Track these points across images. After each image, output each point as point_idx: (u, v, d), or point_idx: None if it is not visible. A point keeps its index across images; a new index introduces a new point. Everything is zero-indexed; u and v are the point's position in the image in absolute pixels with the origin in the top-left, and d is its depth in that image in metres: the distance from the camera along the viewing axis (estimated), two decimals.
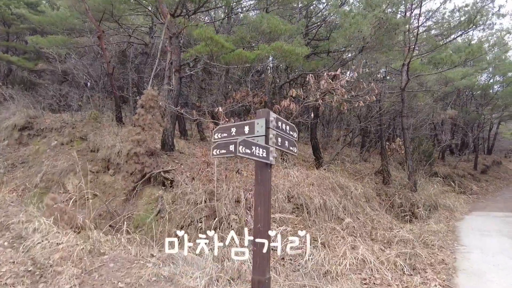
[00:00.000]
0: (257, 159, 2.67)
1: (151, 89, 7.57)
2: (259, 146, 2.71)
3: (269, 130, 2.88)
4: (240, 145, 2.44)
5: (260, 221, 2.75)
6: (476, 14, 7.81)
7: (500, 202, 14.01)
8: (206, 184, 6.41)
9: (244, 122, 2.99)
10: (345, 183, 7.88)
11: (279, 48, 6.01)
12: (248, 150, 2.55)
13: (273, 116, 2.93)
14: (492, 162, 24.02)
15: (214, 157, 3.04)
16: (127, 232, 5.65)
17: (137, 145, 7.44)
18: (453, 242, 6.25)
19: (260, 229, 2.77)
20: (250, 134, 2.90)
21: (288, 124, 3.25)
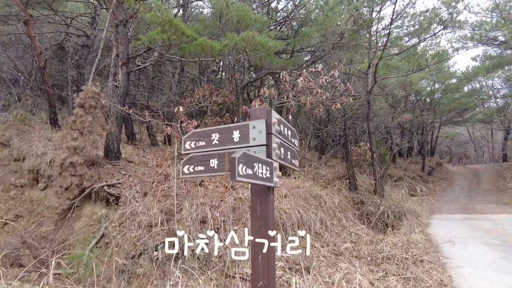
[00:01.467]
0: (260, 182, 1.72)
1: (91, 85, 6.21)
2: (262, 163, 1.76)
3: (272, 138, 1.95)
4: (240, 163, 1.47)
5: (262, 277, 1.80)
6: (442, 20, 7.63)
7: (450, 203, 14.52)
8: (162, 201, 5.26)
9: (232, 125, 2.02)
10: (318, 192, 7.18)
11: (250, 39, 5.11)
12: (250, 171, 1.59)
13: (275, 116, 2.00)
14: (436, 163, 25.45)
15: (186, 176, 2.03)
16: (56, 276, 4.32)
17: (74, 153, 6.04)
18: (437, 255, 5.81)
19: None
20: (242, 143, 1.95)
21: (289, 129, 2.34)
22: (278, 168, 1.99)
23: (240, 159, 1.46)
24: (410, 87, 12.09)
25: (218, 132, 2.05)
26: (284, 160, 2.15)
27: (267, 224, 1.87)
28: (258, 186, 1.93)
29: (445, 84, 21.19)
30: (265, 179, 1.78)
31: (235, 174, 1.40)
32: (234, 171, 1.40)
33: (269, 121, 1.95)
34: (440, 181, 21.98)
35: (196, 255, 4.56)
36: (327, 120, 14.01)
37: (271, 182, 1.87)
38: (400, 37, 9.19)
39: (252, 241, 1.90)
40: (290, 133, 2.34)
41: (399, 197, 10.15)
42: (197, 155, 2.07)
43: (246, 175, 1.51)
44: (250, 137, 1.95)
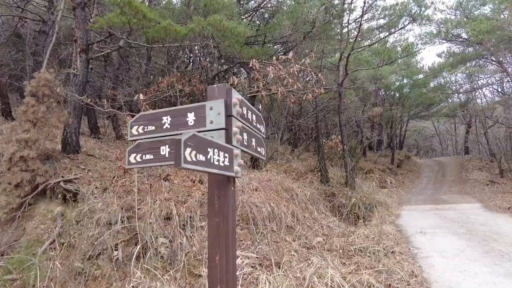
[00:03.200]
0: (216, 171, 1.46)
1: (45, 71, 5.68)
2: (219, 148, 1.51)
3: (232, 121, 1.70)
4: (188, 147, 1.21)
5: (221, 281, 1.55)
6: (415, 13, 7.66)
7: (419, 194, 15.01)
8: (123, 197, 4.89)
9: (185, 106, 1.76)
10: (290, 185, 7.04)
11: (218, 23, 4.80)
12: (203, 157, 1.33)
13: (237, 97, 1.75)
14: (404, 156, 26.27)
15: (132, 166, 1.75)
16: None
17: (25, 146, 5.52)
18: (407, 246, 5.83)
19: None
20: (197, 127, 1.69)
21: (254, 113, 2.10)
22: (240, 156, 1.75)
23: (188, 142, 1.20)
24: (381, 81, 12.20)
25: (170, 115, 1.78)
26: (247, 148, 1.91)
27: (227, 220, 1.62)
28: (216, 176, 1.68)
29: (413, 79, 21.85)
30: (223, 167, 1.53)
31: (180, 159, 1.14)
32: (179, 156, 1.15)
33: (229, 102, 1.70)
34: (408, 173, 22.72)
35: (160, 253, 4.26)
36: (300, 113, 13.96)
37: (231, 172, 1.63)
38: (372, 30, 9.18)
39: (208, 239, 1.65)
40: (255, 118, 2.10)
41: (370, 189, 10.26)
42: (145, 142, 1.79)
43: (196, 161, 1.25)
44: (206, 120, 1.70)
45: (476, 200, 12.12)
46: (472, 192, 14.66)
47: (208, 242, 1.65)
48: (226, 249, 1.60)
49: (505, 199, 11.49)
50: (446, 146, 40.94)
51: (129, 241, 4.40)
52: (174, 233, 4.40)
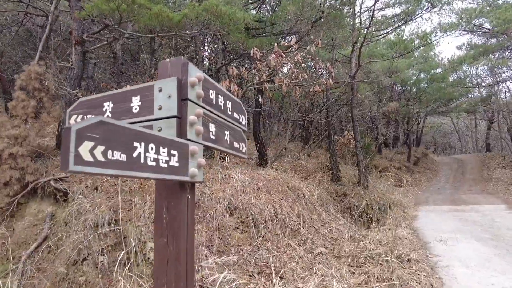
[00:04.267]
0: (148, 175, 1.04)
1: (35, 64, 5.40)
2: (159, 143, 1.08)
3: (188, 106, 1.27)
4: (87, 140, 0.79)
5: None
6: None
7: (437, 193, 14.26)
8: (114, 197, 4.54)
9: (129, 88, 1.33)
10: (296, 184, 6.57)
11: (214, 8, 4.37)
12: (121, 155, 0.91)
13: (197, 74, 1.32)
14: (421, 154, 25.32)
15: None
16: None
17: (14, 143, 5.26)
18: (424, 252, 5.29)
19: None
20: (143, 115, 1.27)
21: (229, 98, 1.66)
22: (200, 153, 1.32)
23: (87, 132, 0.79)
24: (396, 74, 11.53)
25: (112, 100, 1.37)
26: (216, 143, 1.48)
27: (178, 240, 1.20)
28: (164, 182, 1.26)
29: (430, 74, 20.91)
30: (166, 170, 1.11)
31: (68, 159, 0.73)
32: (65, 154, 0.73)
33: (185, 81, 1.27)
34: (425, 171, 21.86)
35: (149, 259, 3.89)
36: (311, 108, 13.41)
37: (184, 175, 1.21)
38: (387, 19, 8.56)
39: (154, 265, 1.24)
40: (232, 105, 1.67)
41: (385, 188, 9.67)
42: None
43: (104, 162, 0.84)
44: (154, 106, 1.28)
45: (501, 201, 11.33)
46: (496, 192, 13.81)
47: (153, 268, 1.24)
48: (176, 281, 1.18)
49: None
50: (465, 143, 39.45)
51: (116, 245, 4.05)
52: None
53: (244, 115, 1.83)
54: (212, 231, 4.42)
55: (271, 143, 13.26)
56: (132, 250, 3.87)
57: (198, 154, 1.30)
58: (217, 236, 4.35)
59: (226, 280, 3.24)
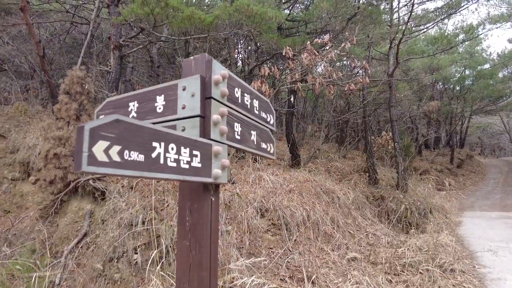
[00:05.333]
0: (168, 176, 0.99)
1: (77, 69, 5.68)
2: (180, 142, 1.04)
3: (212, 105, 1.21)
4: (102, 139, 0.75)
5: None
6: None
7: (484, 199, 13.29)
8: (148, 197, 4.65)
9: (155, 87, 1.30)
10: (331, 186, 6.38)
11: (245, 8, 4.35)
12: (140, 155, 0.86)
13: (221, 71, 1.26)
14: (466, 155, 23.79)
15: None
16: None
17: (58, 143, 5.56)
18: (471, 262, 4.90)
19: None
20: (168, 114, 1.23)
21: (256, 96, 1.59)
22: (224, 154, 1.26)
23: (102, 131, 0.75)
24: (438, 72, 10.88)
25: (137, 100, 1.35)
26: (241, 143, 1.42)
27: (200, 245, 1.15)
28: (187, 183, 1.22)
29: (477, 70, 19.58)
30: (188, 171, 1.06)
31: (81, 159, 0.70)
32: (79, 153, 0.70)
33: (208, 78, 1.22)
34: (471, 174, 20.49)
35: None
36: (347, 108, 13.04)
37: (206, 177, 1.15)
38: (428, 13, 8.08)
39: (176, 268, 1.20)
40: (259, 104, 1.60)
41: (425, 192, 9.14)
42: None
43: (120, 162, 0.80)
44: (178, 105, 1.24)
45: None
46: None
47: (175, 273, 1.20)
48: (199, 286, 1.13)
49: None
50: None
51: (149, 244, 4.13)
52: None
53: (272, 114, 1.75)
54: (242, 233, 4.38)
55: (304, 144, 13.06)
56: (164, 250, 3.93)
57: (222, 154, 1.24)
58: (247, 238, 4.30)
59: (255, 284, 3.17)
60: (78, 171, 0.70)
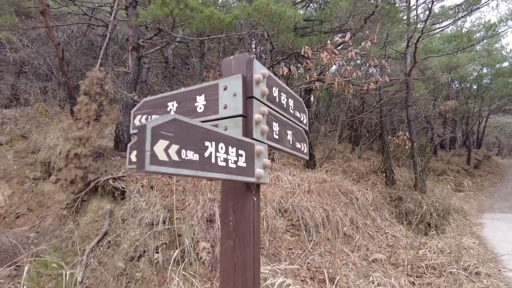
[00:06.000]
0: (220, 175, 0.98)
1: (96, 70, 5.76)
2: (228, 142, 1.03)
3: (254, 104, 1.20)
4: (162, 139, 0.75)
5: None
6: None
7: (503, 200, 12.97)
8: (168, 196, 4.68)
9: (194, 87, 1.30)
10: (349, 187, 6.31)
11: (264, 8, 4.34)
12: (195, 155, 0.86)
13: (261, 71, 1.25)
14: (483, 156, 23.26)
15: (133, 166, 1.34)
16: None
17: (78, 144, 5.66)
18: (496, 265, 4.77)
19: None
20: (209, 114, 1.23)
21: (291, 96, 1.58)
22: (266, 154, 1.25)
23: (161, 130, 0.75)
24: (456, 70, 10.66)
25: (176, 100, 1.35)
26: (279, 142, 1.41)
27: (244, 244, 1.14)
28: (231, 183, 1.21)
29: (495, 68, 19.12)
30: (235, 170, 1.05)
31: (144, 159, 0.69)
32: (141, 153, 0.70)
33: (250, 78, 1.22)
34: (488, 175, 20.01)
35: (201, 259, 3.94)
36: (362, 108, 12.90)
37: (250, 176, 1.14)
38: (446, 10, 7.92)
39: (220, 269, 1.19)
40: (294, 103, 1.58)
41: (444, 193, 8.96)
42: None
43: (179, 162, 0.80)
44: (219, 104, 1.24)
45: None
46: None
47: (220, 273, 1.20)
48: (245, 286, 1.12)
49: None
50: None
51: (170, 243, 4.16)
52: (217, 237, 4.04)
53: (306, 114, 1.73)
54: (262, 233, 4.37)
55: (318, 144, 12.96)
56: (186, 249, 3.95)
57: (264, 154, 1.23)
58: (267, 239, 4.29)
59: (279, 284, 3.15)
60: (141, 170, 0.70)
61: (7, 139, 8.41)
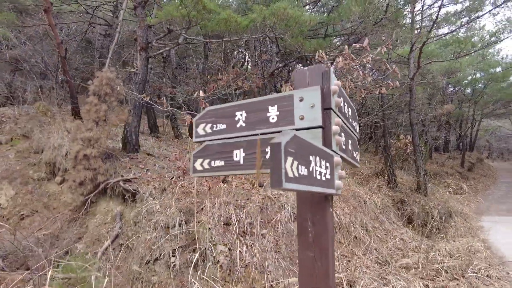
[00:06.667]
0: (319, 189, 0.99)
1: (107, 70, 5.71)
2: (320, 155, 1.04)
3: (331, 116, 1.21)
4: (289, 156, 0.75)
5: None
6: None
7: (498, 203, 13.20)
8: (182, 199, 4.66)
9: (266, 97, 1.31)
10: (357, 190, 6.37)
11: (281, 12, 4.35)
12: (305, 169, 0.87)
13: (335, 82, 1.26)
14: (476, 159, 23.63)
15: (199, 175, 1.35)
16: (64, 281, 3.82)
17: (88, 145, 5.59)
18: (504, 269, 4.85)
19: None
20: (282, 124, 1.24)
21: (350, 105, 1.59)
22: (341, 165, 1.26)
23: (288, 147, 0.76)
24: (455, 75, 10.83)
25: (245, 109, 1.35)
26: (345, 152, 1.42)
27: (326, 255, 1.15)
28: (309, 194, 1.22)
29: (489, 73, 19.44)
30: (325, 183, 1.06)
31: (281, 176, 0.70)
32: (278, 171, 0.70)
33: (327, 89, 1.23)
34: (482, 178, 20.32)
35: (219, 262, 3.93)
36: (360, 111, 13.02)
37: (332, 188, 1.15)
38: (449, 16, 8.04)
39: (299, 281, 1.20)
40: (351, 113, 1.60)
41: (445, 195, 9.08)
42: (214, 144, 1.39)
43: (298, 178, 0.80)
44: (295, 115, 1.24)
45: None
46: None
47: (299, 284, 1.20)
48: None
49: None
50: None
51: (187, 247, 4.14)
52: (234, 241, 4.04)
53: (357, 122, 1.75)
54: (277, 236, 4.38)
55: None
56: (204, 253, 3.93)
57: (340, 165, 1.24)
58: (283, 242, 4.30)
59: None
60: (278, 188, 0.70)
61: (7, 138, 8.25)
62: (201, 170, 1.40)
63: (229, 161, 1.34)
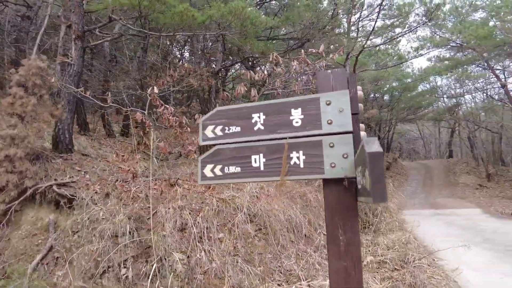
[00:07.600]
0: (364, 199, 0.96)
1: (36, 58, 5.00)
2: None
3: (358, 119, 1.20)
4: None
5: None
6: None
7: (411, 198, 14.98)
8: (130, 205, 4.29)
9: (288, 100, 1.25)
10: (303, 190, 6.60)
11: (240, 11, 4.27)
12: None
13: (359, 87, 1.25)
14: (392, 159, 26.43)
15: (209, 182, 1.23)
16: None
17: (11, 144, 4.83)
18: (430, 256, 5.48)
19: None
20: (308, 129, 1.19)
21: None
22: None
23: None
24: (381, 82, 11.98)
25: (263, 111, 1.27)
26: None
27: (359, 265, 1.13)
28: (337, 199, 1.19)
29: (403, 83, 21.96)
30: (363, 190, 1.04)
31: (384, 190, 0.63)
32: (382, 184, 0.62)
33: (354, 94, 1.21)
34: (397, 176, 22.78)
35: (176, 271, 3.70)
36: None
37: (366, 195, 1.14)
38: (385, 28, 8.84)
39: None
40: None
41: None
42: (228, 148, 1.27)
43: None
44: (322, 120, 1.20)
45: (474, 205, 12.09)
46: (465, 196, 14.71)
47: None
48: None
49: (503, 204, 11.47)
50: (429, 149, 41.77)
51: (139, 256, 3.82)
52: (191, 247, 3.85)
53: None
54: (235, 238, 4.30)
55: None
56: (159, 262, 3.66)
57: None
58: (241, 245, 4.23)
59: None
60: (383, 202, 0.65)
61: None
62: (211, 177, 1.27)
63: (246, 167, 1.23)
